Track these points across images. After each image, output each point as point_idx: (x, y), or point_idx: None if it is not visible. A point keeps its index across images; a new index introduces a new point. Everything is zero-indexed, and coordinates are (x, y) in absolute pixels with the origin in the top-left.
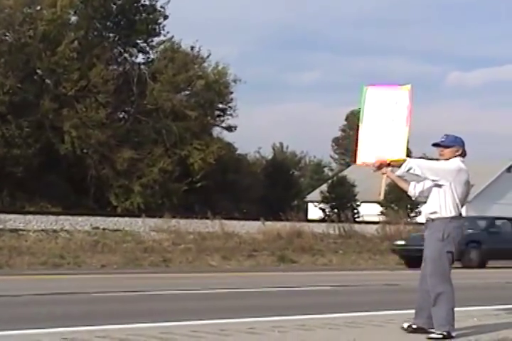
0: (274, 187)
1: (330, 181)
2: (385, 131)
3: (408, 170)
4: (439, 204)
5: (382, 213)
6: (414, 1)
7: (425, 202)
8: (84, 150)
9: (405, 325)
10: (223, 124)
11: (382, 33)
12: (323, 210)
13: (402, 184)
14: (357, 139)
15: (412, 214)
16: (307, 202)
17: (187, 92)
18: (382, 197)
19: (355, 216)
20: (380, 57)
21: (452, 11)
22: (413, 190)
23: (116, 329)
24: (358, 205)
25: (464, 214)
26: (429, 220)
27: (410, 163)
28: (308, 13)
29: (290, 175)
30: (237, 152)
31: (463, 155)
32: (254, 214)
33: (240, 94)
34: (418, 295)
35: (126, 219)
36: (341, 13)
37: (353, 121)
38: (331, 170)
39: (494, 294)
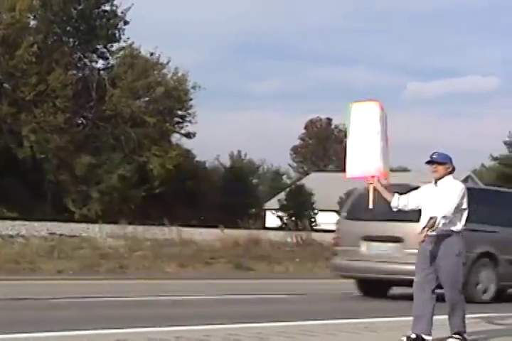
0: (232, 194)
1: (288, 189)
2: (375, 145)
3: (442, 221)
4: (454, 219)
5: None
6: (376, 11)
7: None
8: (43, 155)
9: (404, 339)
10: (182, 131)
11: (344, 42)
12: (281, 218)
13: (386, 195)
14: (345, 154)
15: None
16: (265, 210)
17: (146, 98)
18: (371, 206)
19: (313, 224)
20: (341, 67)
21: (413, 22)
22: (396, 201)
23: (71, 336)
24: (316, 214)
25: None
26: (441, 234)
27: (439, 218)
28: (270, 22)
29: (248, 183)
30: (196, 159)
31: (453, 171)
32: (212, 222)
33: (200, 101)
34: (417, 302)
35: (83, 225)
36: (304, 22)
37: (312, 129)
38: (289, 178)
39: None
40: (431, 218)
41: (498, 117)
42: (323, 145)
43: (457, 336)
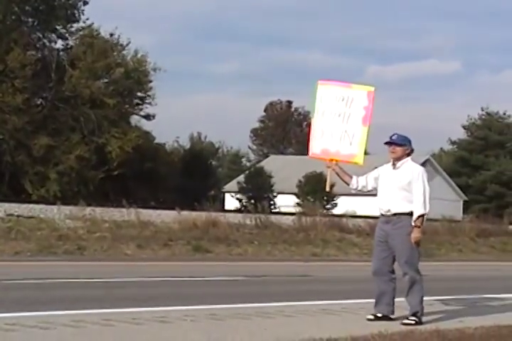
0: (191, 177)
1: (247, 172)
2: (335, 127)
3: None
4: (408, 202)
5: (298, 204)
6: None
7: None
8: (0, 136)
9: (371, 317)
10: (142, 113)
11: (302, 24)
12: (240, 201)
13: (345, 177)
14: (309, 133)
15: (328, 206)
16: (224, 193)
17: (106, 80)
18: (328, 189)
19: (272, 207)
20: (299, 49)
21: (373, 4)
22: (356, 183)
23: (27, 317)
24: (275, 196)
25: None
26: (394, 215)
27: (422, 211)
28: (228, 4)
29: (207, 165)
30: (155, 141)
31: (411, 153)
32: (171, 204)
33: (160, 82)
34: (378, 281)
35: (42, 206)
36: (262, 4)
37: (271, 112)
38: (249, 160)
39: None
40: (420, 216)
41: (458, 102)
42: (283, 128)
43: (413, 318)
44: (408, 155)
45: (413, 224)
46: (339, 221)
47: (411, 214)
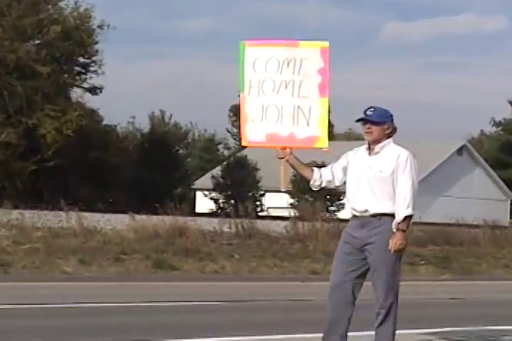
0: (151, 169)
1: (225, 163)
2: (283, 102)
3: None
4: (391, 199)
5: (292, 206)
6: None
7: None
8: None
9: None
10: (85, 85)
11: None
12: (216, 201)
13: (303, 171)
14: (240, 112)
15: (332, 208)
16: (195, 190)
17: (37, 41)
18: (284, 188)
19: (258, 209)
20: (293, 1)
21: None
22: (319, 179)
23: None
24: (262, 195)
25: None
26: (373, 217)
27: (409, 211)
28: None
29: (173, 154)
30: (104, 122)
31: (393, 133)
32: (124, 206)
33: (109, 45)
34: (332, 308)
35: None
36: None
37: None
38: (228, 148)
39: None
40: (406, 218)
41: (502, 69)
42: None
43: None
44: (389, 136)
45: (394, 228)
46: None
47: (392, 215)
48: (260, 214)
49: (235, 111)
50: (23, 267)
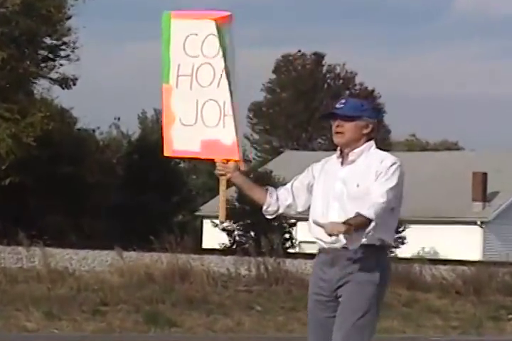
0: (141, 190)
1: None
2: (223, 96)
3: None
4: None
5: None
6: None
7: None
8: None
9: None
10: (53, 75)
11: None
12: (230, 233)
13: (254, 193)
14: (163, 110)
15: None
16: (201, 218)
17: None
18: (223, 218)
19: (287, 244)
20: None
21: None
22: (275, 203)
23: None
24: (293, 225)
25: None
26: (345, 250)
27: (373, 216)
28: None
29: (171, 169)
30: (78, 126)
31: (374, 134)
32: (106, 238)
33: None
34: None
35: None
36: None
37: (286, 72)
38: (247, 160)
39: None
40: (365, 219)
41: None
42: (307, 102)
43: None
44: (369, 137)
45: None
46: (407, 269)
47: (380, 247)
48: (290, 250)
49: (257, 111)
50: None
